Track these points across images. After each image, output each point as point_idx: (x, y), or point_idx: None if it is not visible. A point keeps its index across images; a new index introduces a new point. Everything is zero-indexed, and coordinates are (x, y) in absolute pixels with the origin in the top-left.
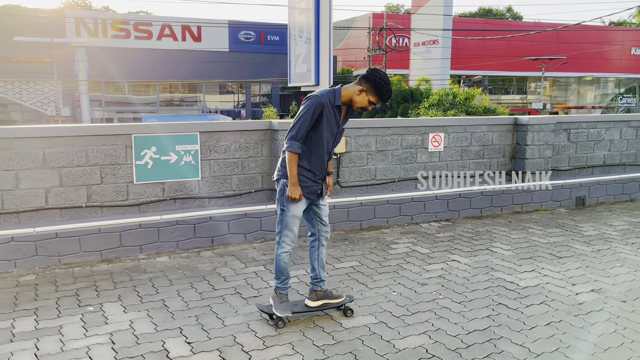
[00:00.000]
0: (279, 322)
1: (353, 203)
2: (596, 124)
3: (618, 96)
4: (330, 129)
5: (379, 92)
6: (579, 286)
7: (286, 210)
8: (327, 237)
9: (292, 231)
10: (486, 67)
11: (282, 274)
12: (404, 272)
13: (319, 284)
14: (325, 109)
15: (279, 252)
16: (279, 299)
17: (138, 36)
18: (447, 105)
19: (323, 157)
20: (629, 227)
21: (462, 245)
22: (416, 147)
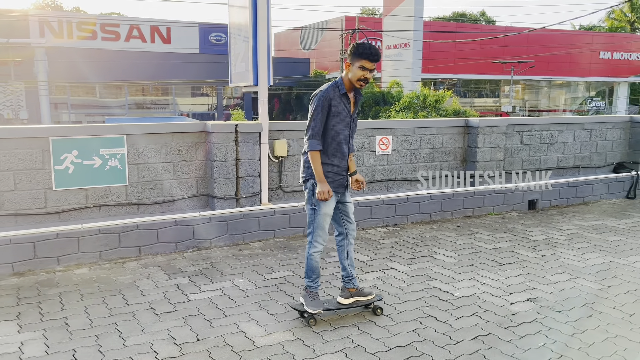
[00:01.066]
0: (311, 319)
1: (295, 209)
2: (549, 126)
3: (587, 99)
4: (343, 120)
5: (361, 54)
6: (515, 295)
7: (318, 209)
8: (354, 235)
9: (325, 230)
10: (458, 70)
11: (313, 273)
12: (337, 282)
13: (350, 281)
14: (333, 101)
15: (311, 252)
16: (310, 297)
17: (105, 37)
18: (418, 108)
19: (342, 148)
20: (578, 231)
21: (405, 252)
22: (363, 150)
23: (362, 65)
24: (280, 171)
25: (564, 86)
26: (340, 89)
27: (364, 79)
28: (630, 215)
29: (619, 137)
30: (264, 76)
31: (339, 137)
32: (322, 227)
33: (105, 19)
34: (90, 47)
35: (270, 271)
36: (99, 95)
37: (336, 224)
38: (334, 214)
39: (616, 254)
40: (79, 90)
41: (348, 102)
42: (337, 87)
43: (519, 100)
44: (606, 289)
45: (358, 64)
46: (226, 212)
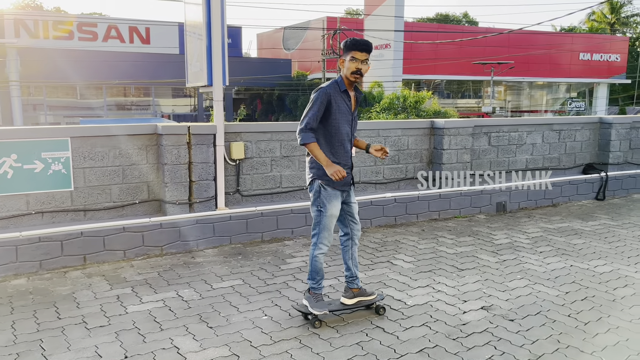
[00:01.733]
0: (316, 321)
1: (253, 213)
2: (517, 128)
3: (568, 100)
4: (344, 117)
5: (350, 46)
6: (469, 303)
7: (324, 211)
8: (359, 235)
9: (330, 231)
10: (439, 71)
11: (317, 275)
12: (288, 292)
13: (354, 281)
14: (333, 97)
15: (315, 254)
16: (315, 299)
17: (82, 37)
18: (399, 109)
19: (345, 145)
20: (543, 234)
21: (364, 257)
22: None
23: (353, 57)
24: (237, 174)
25: (545, 87)
26: (341, 87)
27: (356, 70)
28: (597, 217)
29: (588, 138)
30: (219, 76)
31: (342, 134)
32: (328, 229)
33: (83, 18)
34: (66, 47)
35: (219, 280)
36: (79, 97)
37: (341, 224)
38: (339, 214)
39: (578, 258)
40: (58, 92)
41: (349, 99)
42: (337, 84)
43: (501, 101)
44: (563, 295)
45: (349, 57)
46: (178, 218)
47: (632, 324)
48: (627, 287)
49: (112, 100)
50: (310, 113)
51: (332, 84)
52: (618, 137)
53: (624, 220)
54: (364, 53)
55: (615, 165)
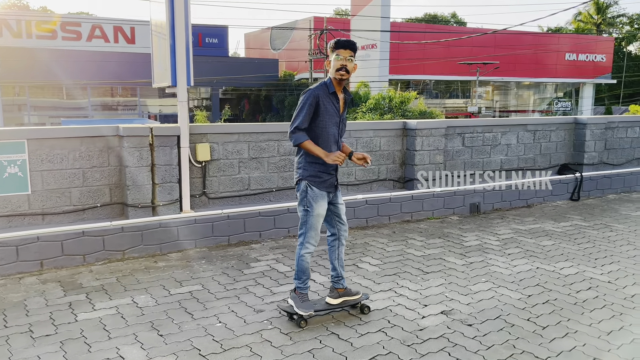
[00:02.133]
0: (302, 321)
1: (219, 216)
2: (492, 128)
3: (554, 100)
4: (332, 119)
5: (334, 46)
6: (429, 308)
7: (310, 210)
8: (346, 235)
9: (317, 231)
10: (426, 71)
11: (303, 274)
12: (247, 297)
13: (340, 281)
14: (321, 99)
15: (302, 253)
16: (300, 299)
17: (66, 37)
18: (385, 109)
19: (331, 147)
20: (513, 235)
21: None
22: (292, 154)
23: (337, 54)
24: (204, 177)
25: (532, 87)
26: (329, 88)
27: (341, 67)
28: (569, 218)
29: (563, 139)
30: (183, 76)
31: (329, 136)
32: (315, 228)
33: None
34: (50, 46)
35: (178, 285)
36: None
37: (328, 225)
38: (326, 215)
39: (545, 260)
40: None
41: (337, 101)
42: (326, 86)
43: (489, 101)
44: (525, 299)
45: (333, 56)
46: (141, 222)
47: (591, 328)
48: (591, 290)
49: (98, 101)
50: (300, 116)
51: (320, 86)
52: (593, 138)
53: (595, 221)
54: (347, 50)
55: (590, 165)
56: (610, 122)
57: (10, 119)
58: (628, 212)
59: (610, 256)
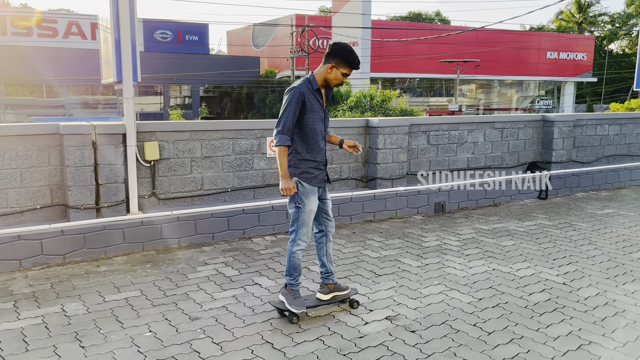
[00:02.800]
0: (294, 317)
1: (168, 218)
2: (458, 126)
3: (536, 98)
4: (317, 115)
5: (348, 62)
6: (375, 313)
7: (302, 207)
8: (333, 232)
9: (309, 227)
10: (409, 69)
11: (295, 271)
12: (185, 304)
13: (329, 277)
14: (306, 96)
15: (294, 250)
16: (292, 295)
17: (41, 34)
18: (367, 107)
19: (319, 143)
20: (475, 235)
21: (281, 263)
22: (252, 152)
23: (345, 73)
24: (153, 176)
25: (515, 85)
26: (313, 85)
27: (341, 83)
28: (535, 217)
29: (531, 136)
30: (129, 72)
31: (316, 132)
32: (307, 225)
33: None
34: (25, 44)
35: (115, 291)
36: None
37: (316, 221)
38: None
39: (503, 261)
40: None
41: (321, 97)
42: (310, 83)
43: (473, 99)
44: (476, 302)
45: (343, 70)
46: (83, 224)
47: (538, 334)
48: (544, 292)
49: (78, 99)
50: (286, 115)
51: (304, 83)
52: (561, 136)
53: (560, 220)
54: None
55: (559, 163)
56: (579, 119)
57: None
58: (594, 210)
59: (570, 256)
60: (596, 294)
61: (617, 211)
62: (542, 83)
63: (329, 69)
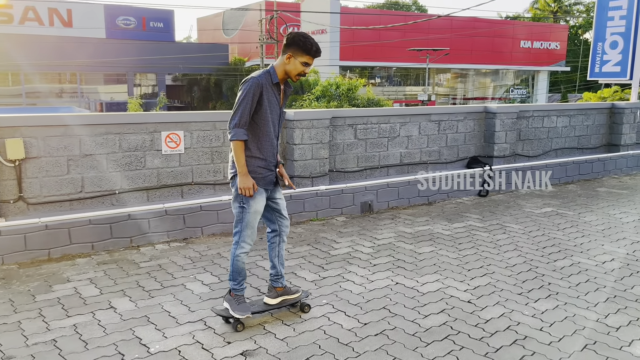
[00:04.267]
0: (238, 325)
1: (35, 226)
2: (389, 119)
3: (510, 88)
4: (274, 110)
5: (305, 49)
6: (233, 345)
7: (247, 207)
8: (287, 231)
9: (254, 229)
10: (380, 57)
11: (239, 275)
12: (7, 336)
13: (279, 280)
14: (264, 89)
15: (237, 253)
16: (236, 301)
17: None
18: (335, 96)
19: (272, 141)
20: (393, 241)
21: (157, 278)
22: (144, 149)
23: (306, 62)
24: (19, 178)
25: (491, 74)
26: (273, 78)
27: (303, 74)
28: (467, 217)
29: (472, 129)
30: None
31: (270, 129)
32: (252, 226)
33: None
34: None
35: None
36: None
37: (268, 221)
38: (266, 211)
39: (412, 273)
40: None
41: (279, 92)
42: (270, 75)
43: (449, 88)
44: (359, 329)
45: (302, 59)
46: None
47: None
48: (442, 314)
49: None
50: (243, 107)
51: (264, 75)
52: (503, 128)
53: (492, 221)
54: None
55: (501, 157)
56: (523, 111)
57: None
58: (532, 209)
59: (487, 266)
60: (500, 315)
61: (556, 210)
62: (517, 72)
63: (286, 59)
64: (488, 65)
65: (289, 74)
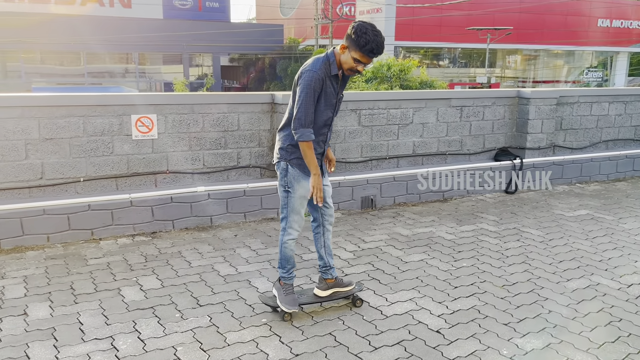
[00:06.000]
0: (285, 314)
1: None
2: (400, 103)
3: (584, 70)
4: (329, 101)
5: (358, 44)
6: None
7: (292, 192)
8: (332, 220)
9: (301, 214)
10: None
11: (287, 263)
12: None
13: (328, 271)
14: (324, 83)
15: (285, 240)
16: (284, 291)
17: (59, 1)
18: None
19: (321, 129)
20: (382, 245)
21: (96, 280)
22: (111, 133)
23: (359, 59)
24: None
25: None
26: (332, 69)
27: (355, 70)
28: (482, 218)
29: (502, 117)
30: None
31: (322, 120)
32: (298, 212)
33: None
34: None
35: None
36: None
37: (311, 208)
38: (310, 199)
39: (384, 288)
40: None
41: (337, 82)
42: (329, 65)
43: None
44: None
45: (354, 55)
46: None
47: None
48: (397, 347)
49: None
50: (305, 105)
51: (322, 66)
52: (539, 116)
53: (510, 225)
54: (372, 59)
55: (536, 150)
56: (566, 96)
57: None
58: (564, 210)
59: (481, 283)
60: (469, 354)
61: (592, 213)
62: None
63: (341, 49)
64: (560, 46)
65: (343, 66)
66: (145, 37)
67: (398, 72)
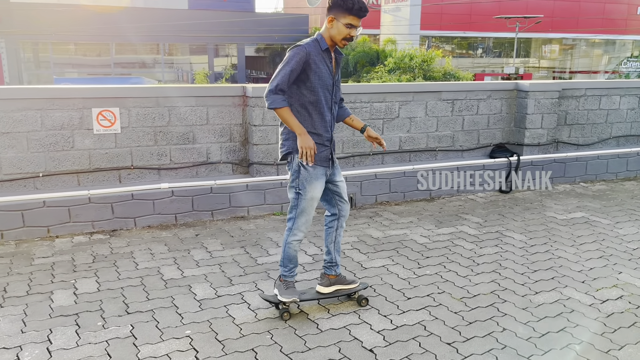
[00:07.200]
0: (285, 313)
1: None
2: (384, 97)
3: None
4: (323, 81)
5: (346, 7)
6: None
7: (303, 193)
8: (347, 216)
9: (309, 216)
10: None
11: (290, 262)
12: None
13: (332, 267)
14: (312, 58)
15: (289, 240)
16: (285, 285)
17: None
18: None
19: (324, 114)
20: (347, 248)
21: (32, 282)
22: (71, 127)
23: (350, 23)
24: None
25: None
26: (321, 45)
27: (349, 37)
28: (465, 219)
29: (498, 111)
30: None
31: (321, 101)
32: (307, 213)
33: None
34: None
35: None
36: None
37: (328, 205)
38: (325, 194)
39: (318, 306)
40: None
41: (330, 61)
42: (318, 42)
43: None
44: None
45: (344, 21)
46: None
47: None
48: None
49: (121, 58)
50: (283, 72)
51: (312, 42)
52: (539, 110)
53: (492, 228)
54: (361, 19)
55: (535, 146)
56: (570, 89)
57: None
58: (557, 213)
59: (438, 295)
60: None
61: (587, 216)
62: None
63: (328, 23)
64: (596, 35)
65: (334, 40)
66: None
67: (420, 62)
